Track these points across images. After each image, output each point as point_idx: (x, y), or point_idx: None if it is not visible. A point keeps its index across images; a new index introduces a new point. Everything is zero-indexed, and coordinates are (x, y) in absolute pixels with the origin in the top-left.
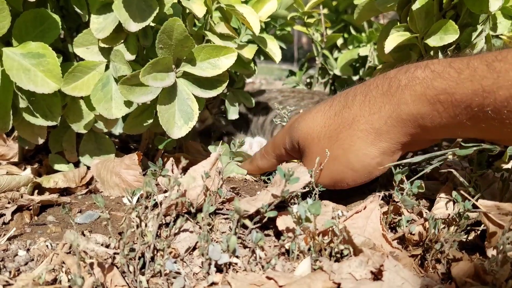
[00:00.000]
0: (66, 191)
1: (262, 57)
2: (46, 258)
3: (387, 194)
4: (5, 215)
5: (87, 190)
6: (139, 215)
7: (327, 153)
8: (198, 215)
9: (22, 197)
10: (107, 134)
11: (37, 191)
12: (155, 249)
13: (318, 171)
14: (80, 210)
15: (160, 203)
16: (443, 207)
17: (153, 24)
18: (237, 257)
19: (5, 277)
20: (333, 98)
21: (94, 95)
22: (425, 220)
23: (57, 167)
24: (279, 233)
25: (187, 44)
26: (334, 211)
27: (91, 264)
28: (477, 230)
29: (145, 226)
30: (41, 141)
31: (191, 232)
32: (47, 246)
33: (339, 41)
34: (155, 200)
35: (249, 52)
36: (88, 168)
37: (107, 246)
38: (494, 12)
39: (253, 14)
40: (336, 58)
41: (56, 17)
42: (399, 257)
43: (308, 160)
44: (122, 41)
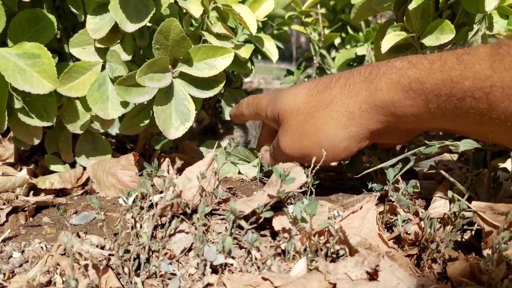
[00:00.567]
0: (62, 192)
1: (259, 57)
2: (40, 259)
3: (383, 194)
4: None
5: (83, 191)
6: (134, 216)
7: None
8: (193, 216)
9: (17, 198)
10: (103, 134)
11: (32, 192)
12: (151, 250)
13: (289, 142)
14: (75, 211)
15: (155, 204)
16: (439, 206)
17: (150, 24)
18: (233, 258)
19: None
20: (320, 78)
21: (90, 95)
22: (421, 219)
23: (53, 167)
24: (275, 234)
25: (183, 44)
26: (330, 211)
27: (86, 265)
28: (473, 229)
29: (140, 227)
30: (36, 142)
31: (187, 233)
32: (42, 247)
33: (337, 41)
34: (150, 201)
35: (246, 51)
36: (84, 168)
37: (102, 247)
38: (490, 11)
39: (249, 13)
40: (333, 57)
41: (51, 17)
42: (395, 257)
43: (283, 131)
44: (118, 41)
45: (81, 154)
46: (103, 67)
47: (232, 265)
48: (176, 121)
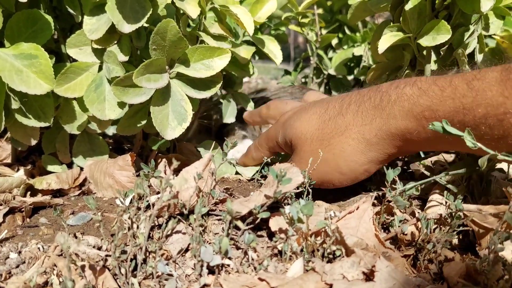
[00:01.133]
0: (59, 193)
1: (257, 57)
2: (37, 260)
3: (380, 194)
4: None
5: (80, 191)
6: (131, 217)
7: (320, 154)
8: (190, 216)
9: (14, 198)
10: (100, 135)
11: (29, 192)
12: (147, 251)
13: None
14: (72, 211)
15: (152, 204)
16: (435, 207)
17: (147, 25)
18: (230, 259)
19: None
20: (329, 102)
21: (87, 96)
22: (417, 220)
23: (50, 168)
24: (272, 234)
25: (180, 45)
26: (326, 211)
27: (83, 266)
28: (469, 230)
29: (137, 227)
30: (33, 142)
31: (184, 233)
32: (39, 248)
33: (334, 41)
34: (147, 201)
35: (246, 52)
36: (81, 169)
37: (99, 248)
38: (486, 12)
39: (247, 14)
40: (330, 58)
41: (48, 17)
42: (392, 257)
43: (298, 158)
44: (115, 42)
45: (78, 154)
46: (100, 68)
47: (228, 265)
48: (173, 122)
